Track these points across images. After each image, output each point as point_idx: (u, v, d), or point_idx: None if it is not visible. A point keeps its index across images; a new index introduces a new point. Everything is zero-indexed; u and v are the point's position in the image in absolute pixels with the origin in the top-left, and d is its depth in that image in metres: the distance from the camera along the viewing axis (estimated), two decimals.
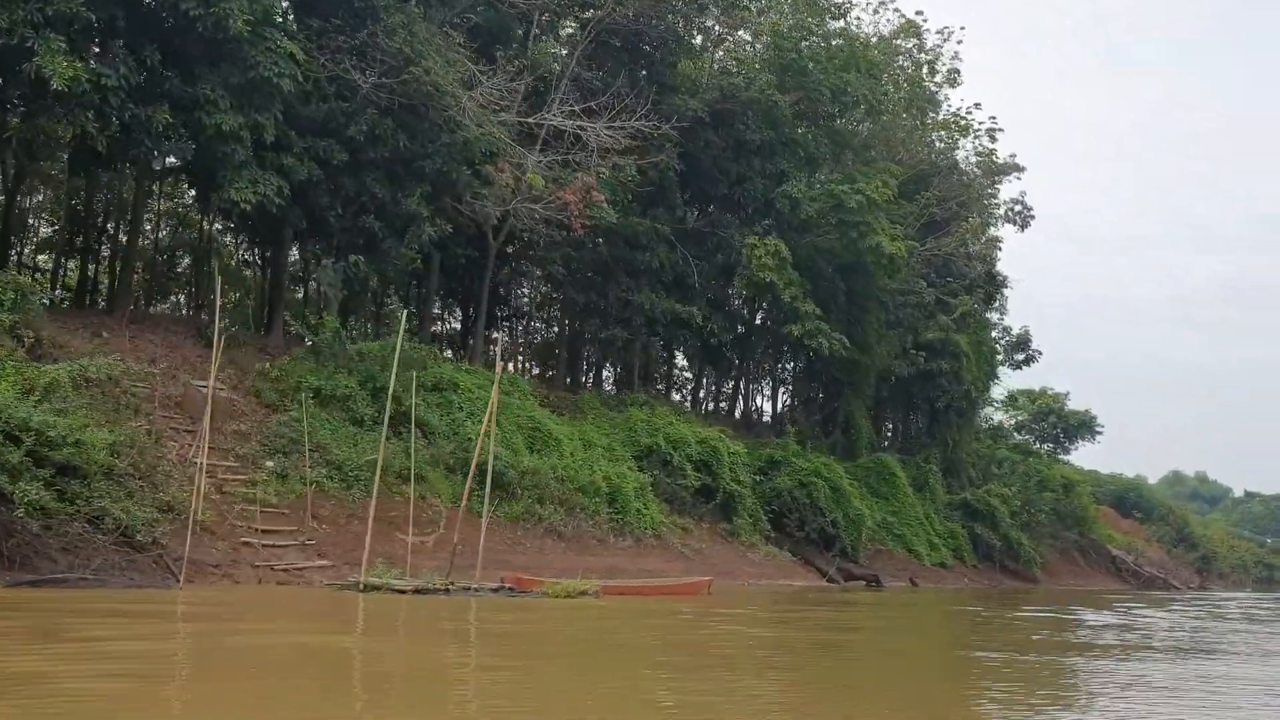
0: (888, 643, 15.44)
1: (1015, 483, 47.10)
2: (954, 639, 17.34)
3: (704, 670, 10.66)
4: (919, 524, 40.56)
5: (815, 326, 35.19)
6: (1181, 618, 25.16)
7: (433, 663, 10.25)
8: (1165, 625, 22.15)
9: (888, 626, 18.61)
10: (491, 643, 12.55)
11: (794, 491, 34.44)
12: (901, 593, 31.93)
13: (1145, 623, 22.53)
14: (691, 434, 31.29)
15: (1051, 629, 19.96)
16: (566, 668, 10.44)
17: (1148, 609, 28.51)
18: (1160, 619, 24.13)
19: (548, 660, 10.95)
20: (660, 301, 32.74)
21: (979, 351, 48.51)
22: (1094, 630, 19.94)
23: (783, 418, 45.12)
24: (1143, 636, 18.64)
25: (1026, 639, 17.15)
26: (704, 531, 30.25)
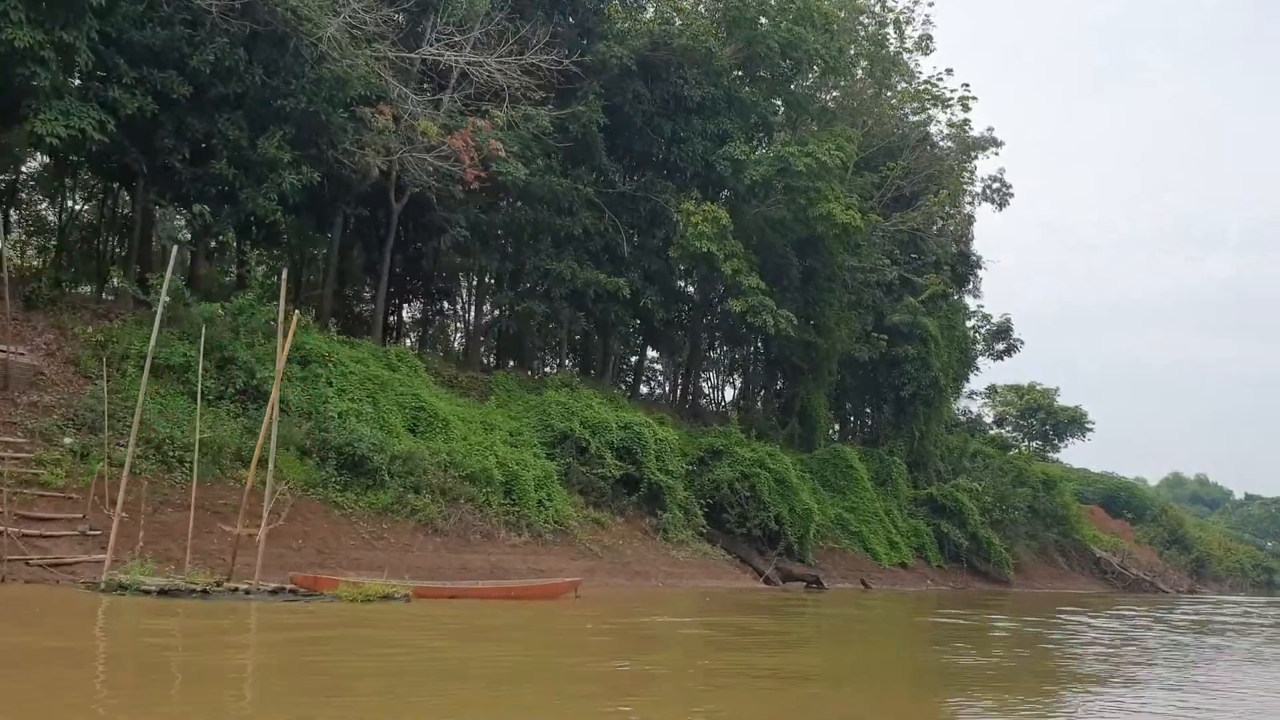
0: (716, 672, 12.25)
1: (987, 478, 44.12)
2: (824, 663, 14.34)
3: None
4: (878, 521, 37.59)
5: (760, 302, 32.16)
6: (1133, 627, 22.25)
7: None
8: (1100, 638, 19.17)
9: (775, 642, 15.58)
10: (107, 669, 9.14)
11: (734, 484, 31.46)
12: (847, 595, 28.94)
13: (1084, 634, 19.60)
14: (614, 419, 28.26)
15: (966, 642, 16.99)
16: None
17: (1103, 617, 25.55)
18: (1104, 629, 21.16)
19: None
20: (584, 272, 29.67)
21: (950, 337, 45.55)
22: (995, 645, 17.00)
23: (737, 406, 42.15)
24: (1044, 653, 15.66)
25: (909, 658, 14.18)
26: (623, 527, 27.24)
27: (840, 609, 22.67)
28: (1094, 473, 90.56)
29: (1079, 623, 22.76)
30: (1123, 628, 22.00)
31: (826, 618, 19.46)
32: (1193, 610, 32.21)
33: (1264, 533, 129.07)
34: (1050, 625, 21.61)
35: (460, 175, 24.81)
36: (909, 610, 24.13)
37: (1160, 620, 25.26)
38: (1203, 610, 32.54)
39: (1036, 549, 49.39)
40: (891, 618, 21.06)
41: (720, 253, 31.37)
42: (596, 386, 32.63)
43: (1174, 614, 28.14)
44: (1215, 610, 33.24)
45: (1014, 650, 16.00)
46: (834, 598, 27.18)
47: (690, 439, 33.73)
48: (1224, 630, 22.82)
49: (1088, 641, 18.10)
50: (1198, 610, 32.40)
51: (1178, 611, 30.14)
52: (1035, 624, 21.60)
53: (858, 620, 19.49)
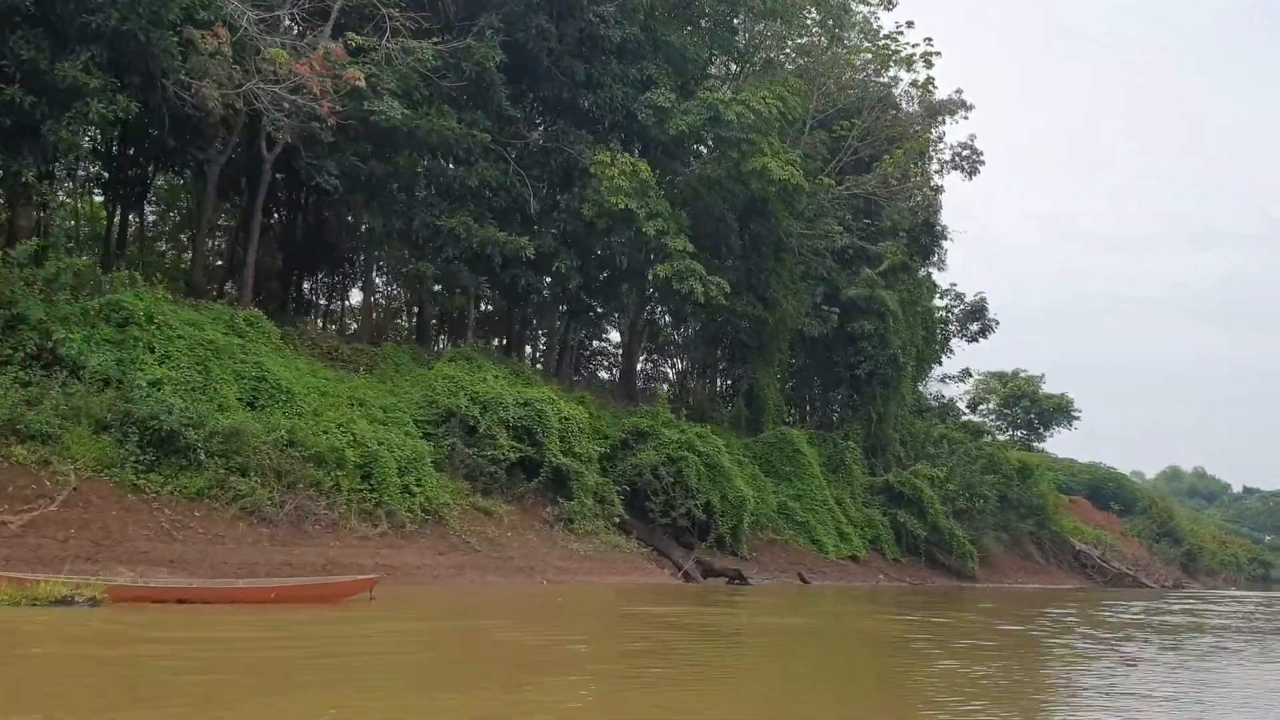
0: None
1: (953, 464, 41.13)
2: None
3: None
4: (826, 510, 34.61)
5: (687, 266, 29.10)
6: (1052, 628, 19.29)
7: None
8: (979, 646, 16.22)
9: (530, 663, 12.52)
10: None
11: (659, 469, 28.43)
12: (777, 592, 25.94)
13: (984, 637, 16.63)
14: (511, 395, 25.20)
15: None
16: None
17: (1023, 617, 22.52)
18: (1004, 633, 18.21)
19: None
20: (481, 230, 26.57)
21: (911, 313, 42.59)
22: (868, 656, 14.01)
23: (680, 387, 39.15)
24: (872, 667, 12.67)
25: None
26: (518, 516, 24.20)
27: (744, 610, 19.65)
28: (1080, 463, 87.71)
29: (989, 626, 19.81)
30: (1016, 629, 19.04)
31: (709, 627, 16.39)
32: (1154, 607, 29.29)
33: (1262, 526, 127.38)
34: (946, 631, 18.64)
35: (319, 113, 21.68)
36: (834, 611, 21.16)
37: (1095, 619, 22.35)
38: (1167, 607, 29.63)
39: (1008, 541, 46.46)
40: (787, 624, 18.03)
41: (641, 210, 28.32)
42: (507, 363, 29.63)
43: (1125, 613, 25.18)
44: (1185, 606, 30.33)
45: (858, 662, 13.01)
46: (758, 595, 24.17)
47: (613, 420, 30.74)
48: (1171, 631, 19.90)
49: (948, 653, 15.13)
50: (1160, 607, 29.48)
51: (1135, 609, 27.20)
52: (942, 629, 18.63)
53: (743, 631, 16.32)
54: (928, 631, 17.28)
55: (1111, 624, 21.12)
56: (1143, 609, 27.42)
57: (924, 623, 19.02)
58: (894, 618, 20.44)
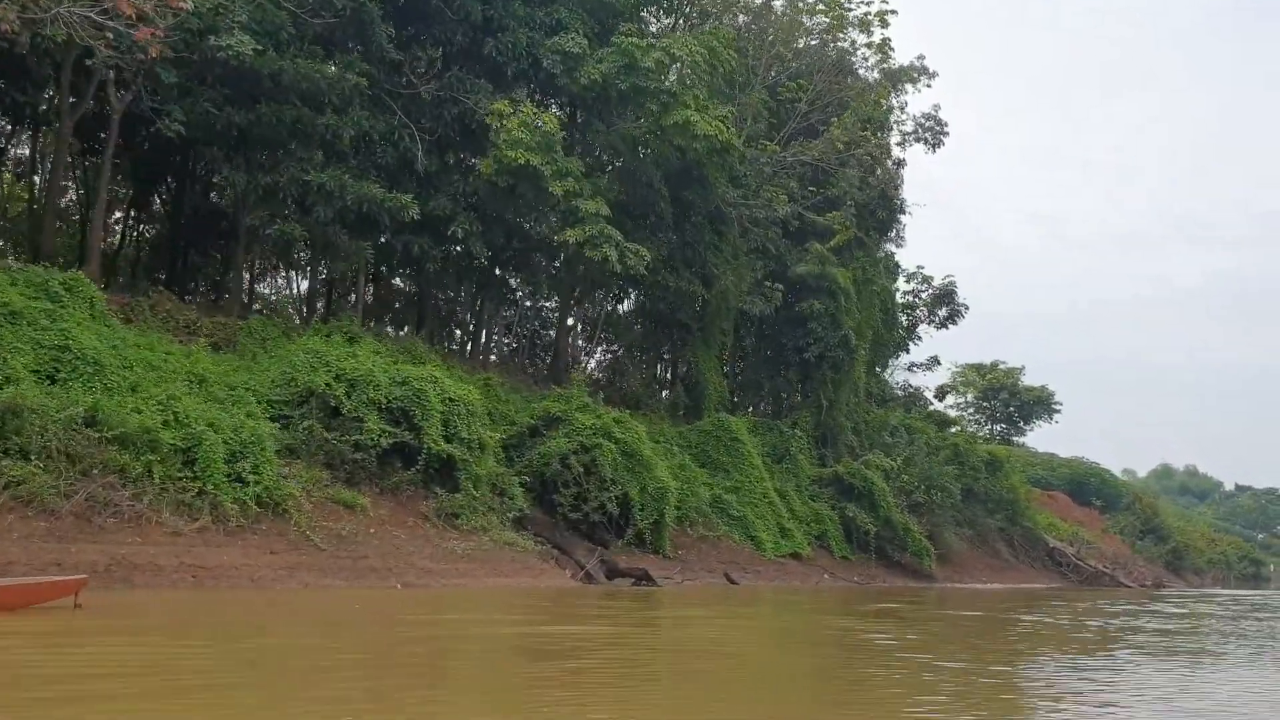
0: None
1: (909, 454, 38.45)
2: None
3: None
4: (767, 504, 31.90)
5: (601, 231, 26.35)
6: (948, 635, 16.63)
7: None
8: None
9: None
10: None
11: (570, 458, 25.70)
12: (692, 595, 23.20)
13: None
14: (385, 373, 22.42)
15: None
16: None
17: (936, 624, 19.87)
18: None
19: None
20: (355, 185, 23.74)
21: (866, 292, 39.89)
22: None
23: (609, 371, 36.42)
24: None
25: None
26: (389, 510, 21.42)
27: (613, 619, 16.82)
28: (1061, 457, 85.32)
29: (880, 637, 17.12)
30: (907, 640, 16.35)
31: (526, 646, 13.60)
32: (1117, 609, 26.69)
33: (1254, 524, 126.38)
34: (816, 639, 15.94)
35: (144, 46, 18.83)
36: (734, 619, 18.38)
37: (1006, 629, 19.67)
38: (1125, 609, 27.03)
39: (974, 538, 43.85)
40: (653, 640, 15.26)
41: (547, 168, 25.54)
42: (399, 340, 26.85)
43: (1062, 616, 22.55)
44: (1137, 608, 27.76)
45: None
46: (662, 598, 21.38)
47: (523, 405, 28.00)
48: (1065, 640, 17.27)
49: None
50: (1125, 609, 26.88)
51: (1082, 612, 24.58)
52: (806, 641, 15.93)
53: (577, 650, 13.32)
54: (818, 641, 14.58)
55: (1024, 635, 18.45)
56: (1088, 611, 24.80)
57: (818, 629, 16.33)
58: (803, 623, 17.75)
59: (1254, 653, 16.16)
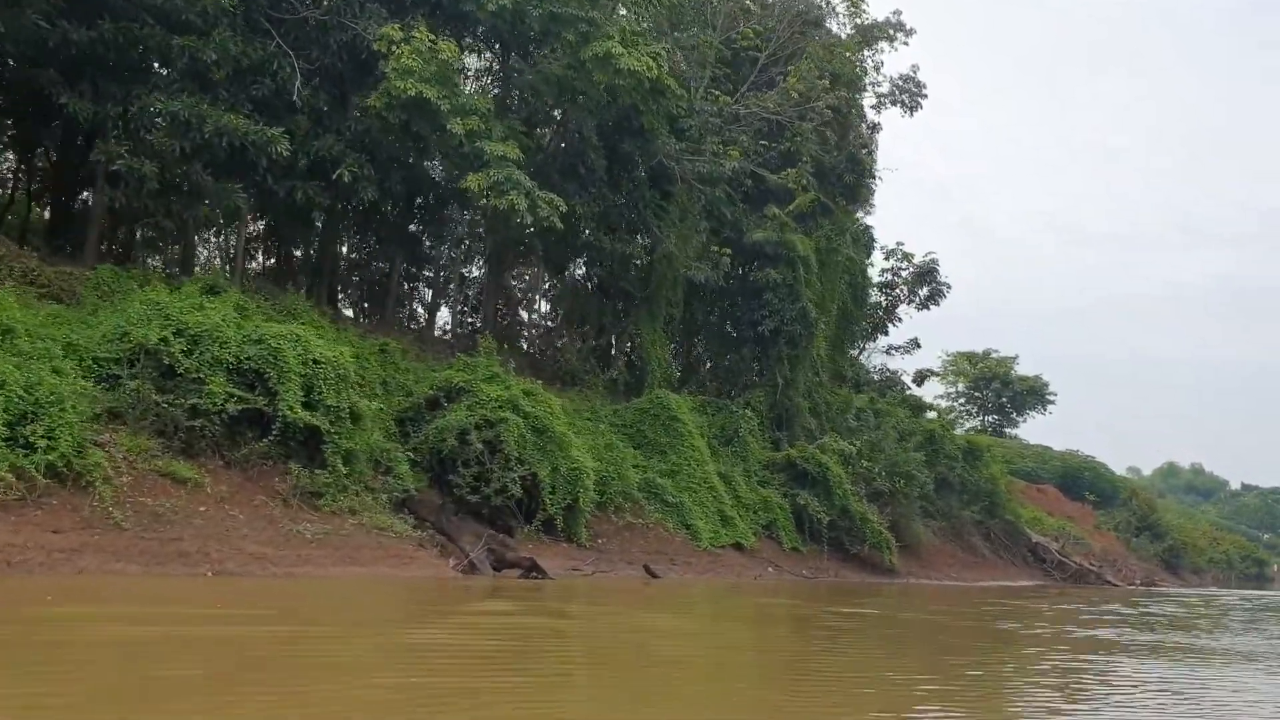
0: None
1: (874, 439, 35.53)
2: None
3: None
4: (707, 490, 29.06)
5: (508, 176, 23.45)
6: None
7: None
8: None
9: None
10: None
11: (469, 433, 22.89)
12: (594, 590, 20.36)
13: None
14: (238, 329, 19.57)
15: None
16: None
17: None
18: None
19: None
20: (216, 116, 20.84)
21: (831, 263, 36.99)
22: None
23: (541, 343, 33.56)
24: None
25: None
26: (236, 486, 18.62)
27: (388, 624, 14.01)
28: (1055, 450, 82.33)
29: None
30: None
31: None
32: (1072, 609, 23.86)
33: (1260, 524, 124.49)
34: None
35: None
36: (595, 622, 15.52)
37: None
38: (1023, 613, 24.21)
39: (947, 530, 41.02)
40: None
41: (444, 102, 22.65)
42: (275, 296, 24.00)
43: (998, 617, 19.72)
44: (1089, 614, 24.97)
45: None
46: (553, 593, 18.50)
47: (423, 374, 25.18)
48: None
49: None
50: (1077, 610, 24.05)
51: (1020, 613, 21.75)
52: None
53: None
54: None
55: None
56: (1049, 616, 21.96)
57: (699, 640, 13.50)
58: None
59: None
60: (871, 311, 50.88)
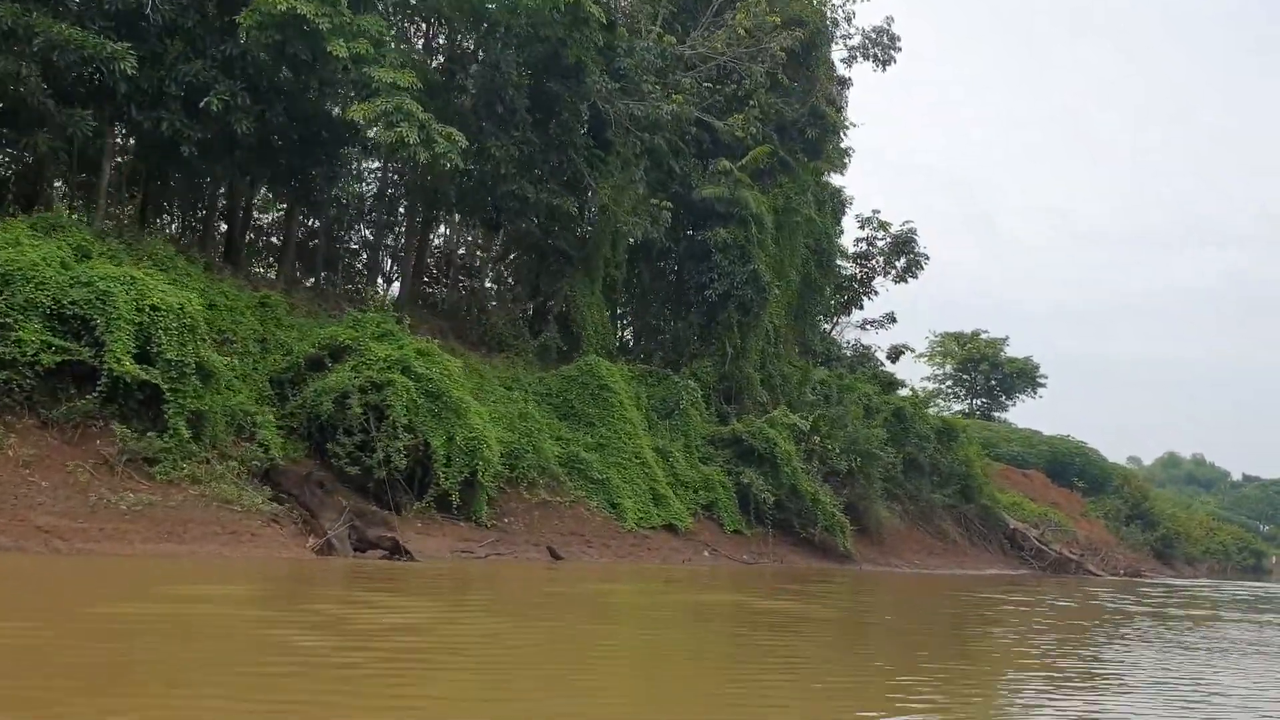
0: None
1: (833, 414, 32.98)
2: None
3: None
4: (639, 466, 26.59)
5: (398, 106, 20.87)
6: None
7: None
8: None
9: None
10: None
11: (349, 397, 20.43)
12: (475, 577, 17.90)
13: None
14: (61, 271, 17.07)
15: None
16: None
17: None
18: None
19: None
20: (42, 23, 18.23)
21: (788, 224, 34.37)
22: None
23: (468, 305, 31.01)
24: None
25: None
26: (54, 447, 16.19)
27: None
28: (1045, 435, 79.66)
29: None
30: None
31: None
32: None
33: (1260, 515, 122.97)
34: None
35: None
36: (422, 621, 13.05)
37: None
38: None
39: (916, 514, 38.56)
40: None
41: (324, 21, 20.04)
42: (137, 242, 21.42)
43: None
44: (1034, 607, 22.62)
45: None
46: (411, 581, 16.00)
47: (310, 331, 22.66)
48: None
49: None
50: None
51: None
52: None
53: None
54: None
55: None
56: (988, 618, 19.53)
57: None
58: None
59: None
60: (846, 284, 48.42)
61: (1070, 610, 21.38)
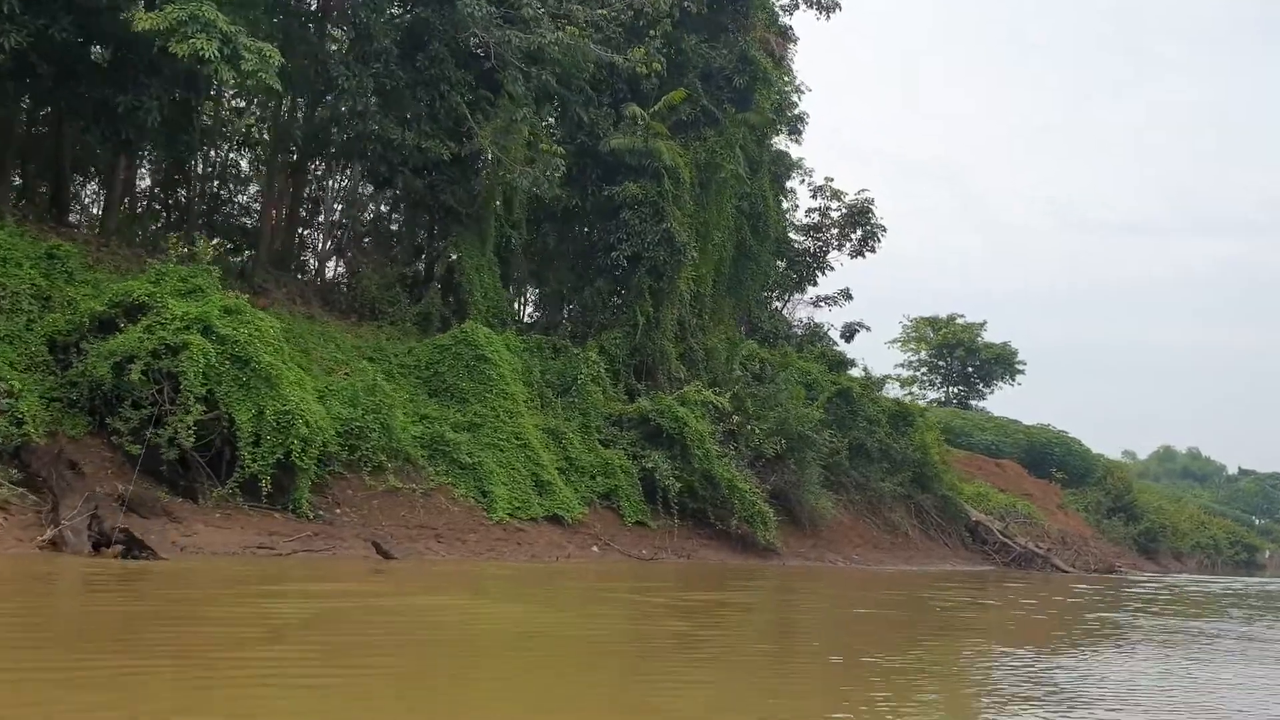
0: None
1: (751, 389, 29.59)
2: None
3: None
4: (519, 448, 23.18)
5: (194, 15, 17.41)
6: None
7: None
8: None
9: None
10: None
11: (130, 362, 17.06)
12: (236, 579, 14.48)
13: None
14: None
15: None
16: None
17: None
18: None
19: None
20: None
21: (715, 180, 30.92)
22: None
23: (336, 266, 27.59)
24: None
25: None
26: None
27: None
28: (1024, 424, 76.36)
29: None
30: None
31: None
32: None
33: (1255, 509, 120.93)
34: None
35: None
36: None
37: None
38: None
39: (863, 505, 35.23)
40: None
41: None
42: None
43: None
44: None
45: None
46: (121, 584, 12.58)
47: (105, 286, 19.23)
48: None
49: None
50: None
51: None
52: None
53: None
54: None
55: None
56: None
57: None
58: None
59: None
60: (799, 258, 45.15)
61: (960, 617, 18.10)
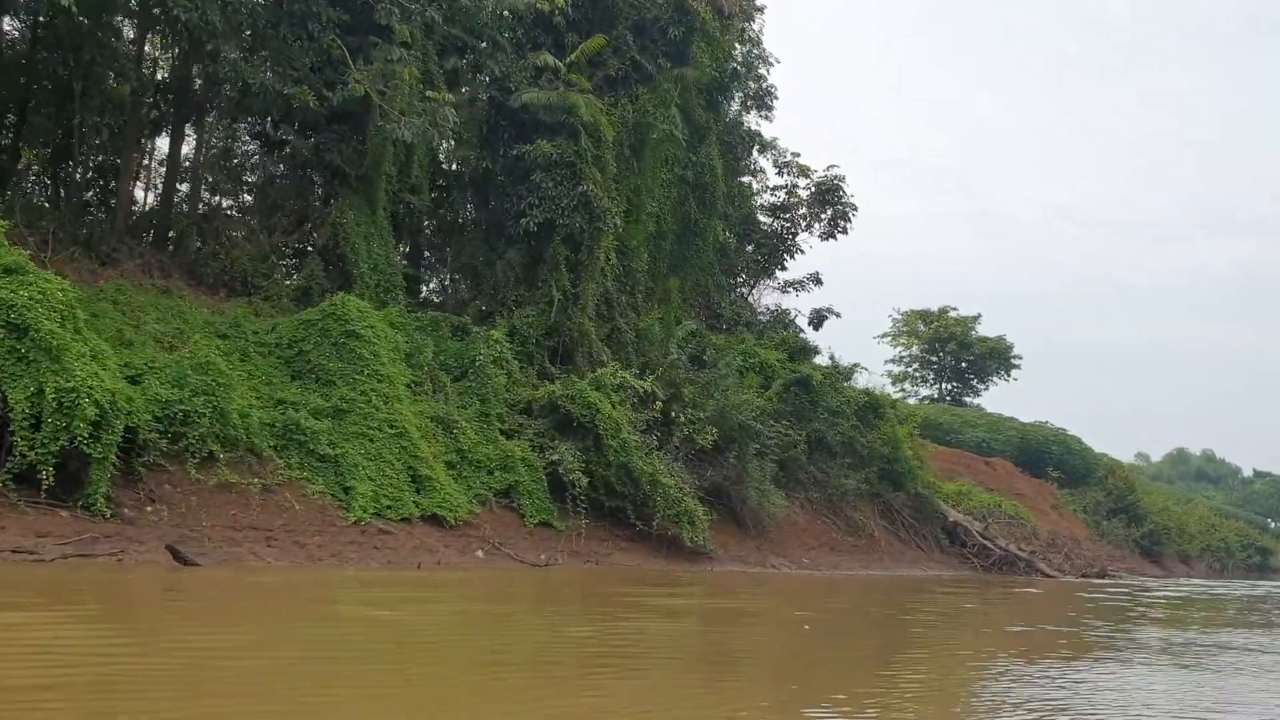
0: None
1: (703, 377, 26.51)
2: None
3: None
4: (393, 437, 20.13)
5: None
6: None
7: None
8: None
9: None
10: None
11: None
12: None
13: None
14: None
15: None
16: None
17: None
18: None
19: None
20: None
21: (647, 143, 27.86)
22: None
23: (220, 234, 24.54)
24: None
25: None
26: None
27: None
28: (1019, 421, 72.98)
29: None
30: None
31: None
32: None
33: (1269, 511, 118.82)
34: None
35: None
36: None
37: None
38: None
39: (823, 504, 32.06)
40: None
41: None
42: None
43: None
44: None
45: None
46: None
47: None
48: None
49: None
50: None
51: None
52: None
53: None
54: None
55: None
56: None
57: None
58: None
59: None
60: (765, 240, 42.12)
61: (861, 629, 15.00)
